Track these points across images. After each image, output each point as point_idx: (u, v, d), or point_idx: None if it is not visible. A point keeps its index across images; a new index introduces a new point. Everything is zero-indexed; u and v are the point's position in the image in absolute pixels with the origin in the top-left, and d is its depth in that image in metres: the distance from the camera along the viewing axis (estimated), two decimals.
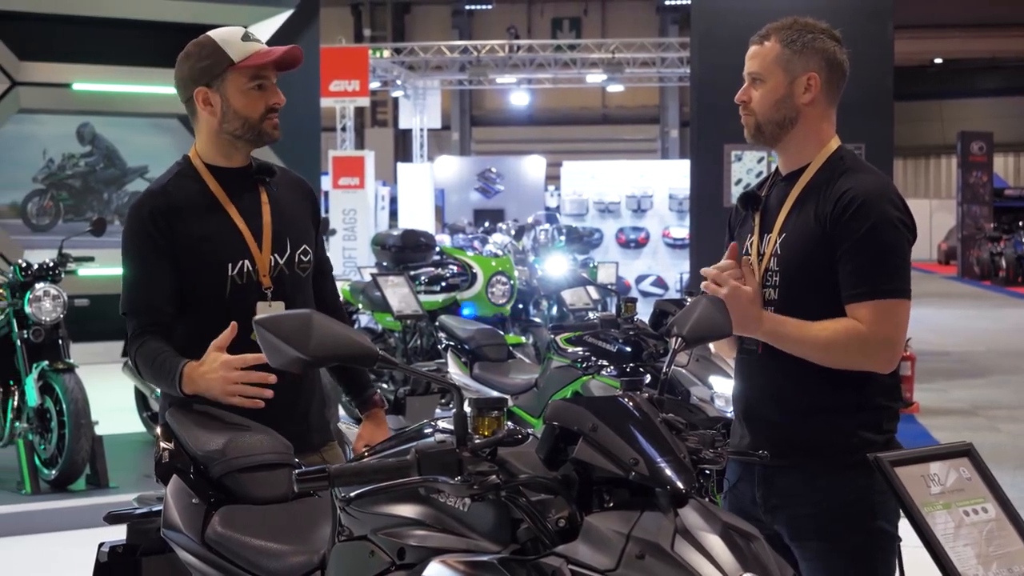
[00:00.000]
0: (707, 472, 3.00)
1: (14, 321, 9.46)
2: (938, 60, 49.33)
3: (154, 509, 3.95)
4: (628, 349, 7.52)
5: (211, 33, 4.11)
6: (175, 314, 4.04)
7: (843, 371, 3.67)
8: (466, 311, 13.38)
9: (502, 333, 10.28)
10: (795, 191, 3.79)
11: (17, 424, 9.36)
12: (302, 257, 4.20)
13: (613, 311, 10.15)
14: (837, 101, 3.86)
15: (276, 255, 4.12)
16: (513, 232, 22.46)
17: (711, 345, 4.34)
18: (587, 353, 7.83)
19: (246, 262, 4.06)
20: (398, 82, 39.14)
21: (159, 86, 18.05)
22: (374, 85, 35.45)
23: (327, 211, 25.82)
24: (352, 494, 2.96)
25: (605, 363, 7.68)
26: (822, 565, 3.68)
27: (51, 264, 9.79)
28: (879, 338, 3.63)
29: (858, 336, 3.62)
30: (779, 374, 3.73)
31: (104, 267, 11.74)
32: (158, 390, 4.45)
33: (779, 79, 3.78)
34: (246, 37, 4.08)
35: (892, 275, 3.65)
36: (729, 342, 3.95)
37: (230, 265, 4.04)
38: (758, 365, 3.79)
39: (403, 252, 14.60)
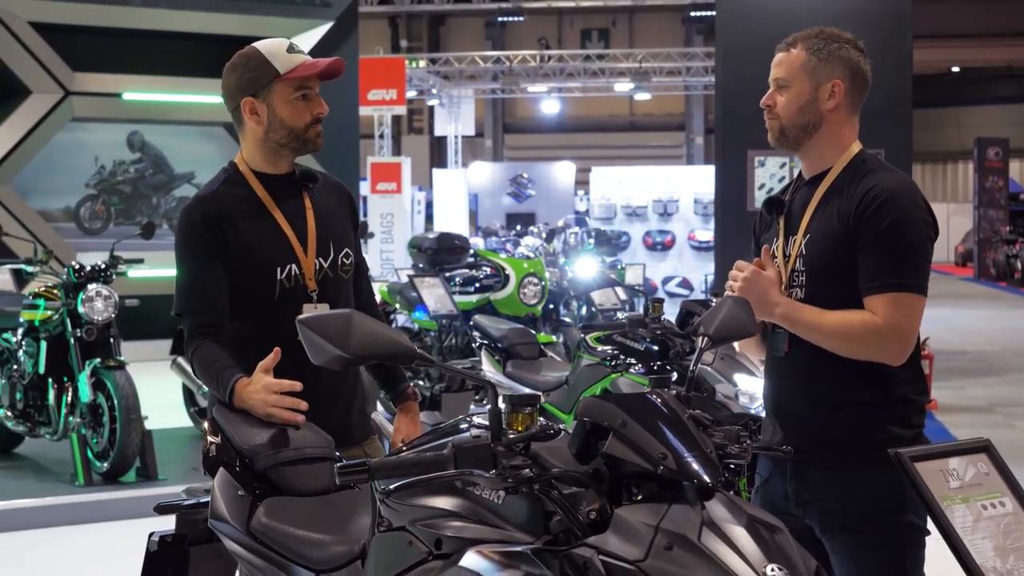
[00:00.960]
0: (732, 467, 2.98)
1: (68, 320, 9.51)
2: (955, 68, 49.15)
3: (202, 500, 3.96)
4: (655, 348, 7.50)
5: (257, 45, 4.11)
6: (227, 314, 4.04)
7: (864, 367, 3.65)
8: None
9: (534, 332, 10.27)
10: (818, 193, 3.78)
11: (71, 419, 9.40)
12: (344, 260, 4.21)
13: (641, 311, 10.14)
14: (859, 108, 3.85)
15: (320, 259, 4.13)
16: (544, 235, 22.47)
17: (736, 345, 4.32)
18: (616, 351, 7.82)
19: (293, 266, 4.07)
20: (433, 91, 39.19)
21: (205, 95, 18.13)
22: (410, 94, 35.48)
23: (365, 215, 25.84)
24: (391, 487, 2.96)
25: (633, 361, 7.67)
26: (853, 558, 3.66)
27: (103, 266, 9.83)
28: (893, 330, 3.61)
29: (872, 327, 3.61)
30: (807, 372, 3.72)
31: (153, 269, 11.79)
32: (205, 387, 4.47)
33: (804, 85, 3.77)
34: (291, 49, 4.08)
35: (911, 270, 3.64)
36: (755, 343, 3.94)
37: (279, 269, 4.05)
38: (786, 365, 3.78)
39: (439, 254, 14.61)
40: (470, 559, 2.67)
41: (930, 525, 3.54)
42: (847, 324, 3.63)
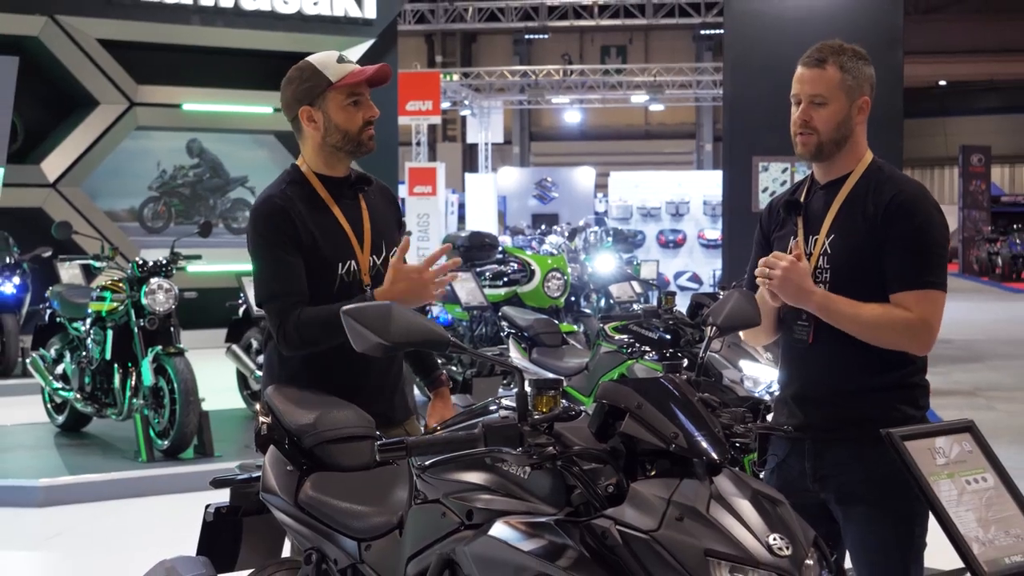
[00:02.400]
0: (738, 445, 2.98)
1: (132, 311, 9.54)
2: (942, 82, 48.94)
3: (254, 475, 3.97)
4: (668, 337, 7.49)
5: (310, 58, 4.12)
6: (308, 298, 3.96)
7: (884, 355, 3.66)
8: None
9: (557, 322, 10.26)
10: (840, 197, 3.76)
11: (135, 401, 9.43)
12: (392, 258, 4.21)
13: (655, 303, 10.11)
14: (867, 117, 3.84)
15: (374, 256, 4.12)
16: (566, 234, 22.43)
17: (741, 335, 4.31)
18: (632, 340, 7.81)
19: (352, 262, 4.06)
20: (466, 102, 39.20)
21: (257, 106, 18.19)
22: (445, 105, 35.46)
23: (403, 216, 25.79)
24: (426, 463, 2.97)
25: (648, 349, 7.66)
26: (868, 527, 3.66)
27: (164, 261, 9.86)
28: (922, 322, 3.63)
29: (904, 319, 3.62)
30: (827, 360, 3.72)
31: (210, 264, 11.82)
32: (258, 372, 4.45)
33: (842, 103, 3.73)
34: (340, 60, 4.09)
35: (935, 269, 3.67)
36: (758, 334, 3.93)
37: (339, 264, 4.04)
38: (808, 354, 3.77)
39: (470, 251, 14.60)
40: (499, 529, 2.67)
41: None
42: (882, 317, 3.63)
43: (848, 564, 3.85)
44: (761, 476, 4.37)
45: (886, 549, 3.65)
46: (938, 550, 3.73)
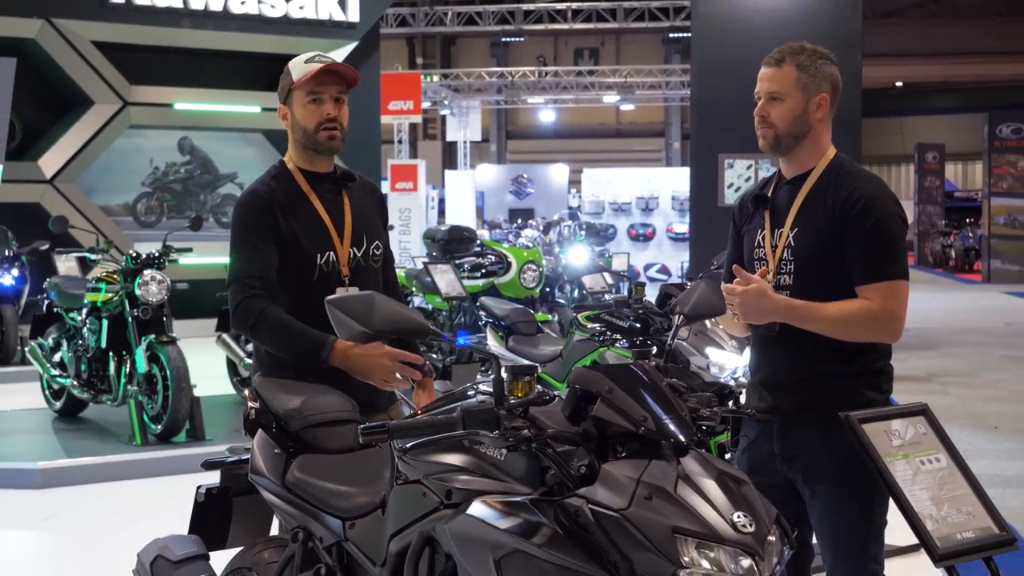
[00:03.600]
0: (704, 428, 2.99)
1: (126, 301, 9.52)
2: (899, 83, 49.05)
3: (243, 458, 3.96)
4: (638, 325, 7.50)
5: (293, 59, 4.13)
6: (273, 286, 3.98)
7: (848, 343, 3.67)
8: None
9: (532, 312, 10.26)
10: (803, 192, 3.78)
11: (129, 387, 9.41)
12: (375, 251, 4.20)
13: (625, 294, 10.14)
14: (833, 115, 3.85)
15: (354, 248, 4.12)
16: (542, 228, 22.43)
17: (719, 323, 4.32)
18: (604, 328, 7.82)
19: (331, 253, 4.06)
20: (445, 102, 39.13)
21: (246, 105, 18.17)
22: (425, 105, 35.39)
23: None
24: (407, 445, 2.97)
25: (619, 337, 7.67)
26: (832, 505, 3.68)
27: (157, 254, 9.83)
28: (888, 313, 3.65)
29: (870, 312, 3.63)
30: (793, 349, 3.73)
31: (201, 257, 11.78)
32: (247, 359, 4.45)
33: (798, 99, 3.76)
34: (310, 59, 4.06)
35: (895, 261, 3.68)
36: (736, 324, 3.94)
37: (318, 255, 4.04)
38: (776, 343, 3.77)
39: (450, 244, 14.59)
40: (476, 508, 2.67)
41: None
42: (847, 313, 3.64)
43: (814, 540, 3.87)
44: (728, 456, 4.38)
45: (848, 526, 3.67)
46: (894, 527, 3.74)
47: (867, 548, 3.68)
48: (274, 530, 4.21)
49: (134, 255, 9.80)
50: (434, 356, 11.27)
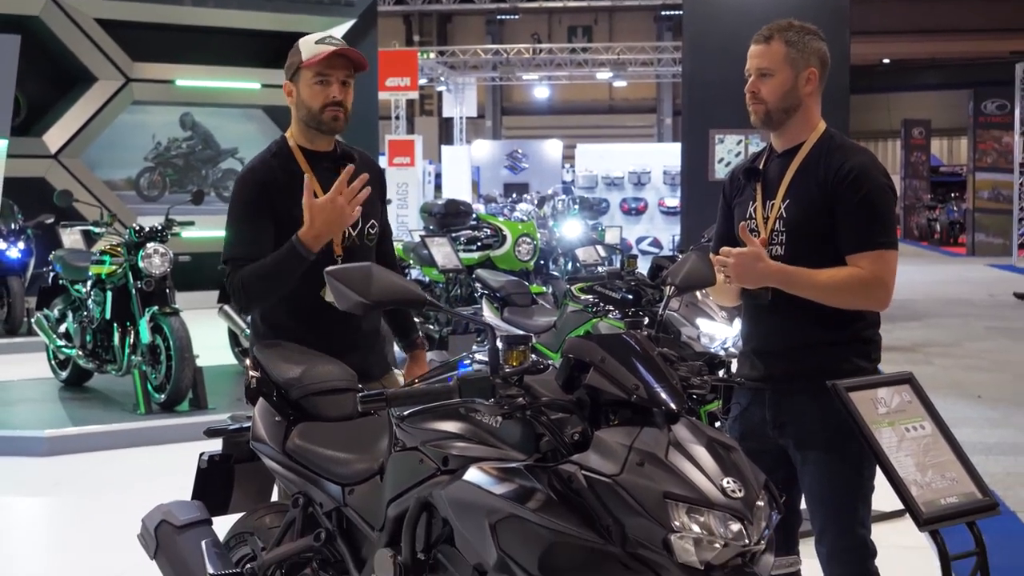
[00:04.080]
0: (695, 396, 2.99)
1: (130, 274, 9.52)
2: (886, 60, 49.00)
3: (244, 425, 3.96)
4: (630, 296, 7.50)
5: (304, 37, 4.10)
6: None
7: (838, 312, 3.67)
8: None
9: (527, 284, 10.26)
10: (794, 164, 3.77)
11: (133, 357, 9.42)
12: (370, 230, 4.17)
13: (618, 266, 10.14)
14: (822, 90, 3.84)
15: (349, 227, 4.08)
16: (536, 202, 22.43)
17: (710, 294, 4.31)
18: (597, 300, 7.82)
19: None
20: (442, 79, 39.04)
21: (246, 82, 18.13)
22: (422, 81, 35.32)
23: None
24: (405, 413, 2.98)
25: (611, 308, 7.67)
26: (823, 469, 3.68)
27: (159, 227, 9.83)
28: (877, 280, 3.64)
29: (861, 280, 3.63)
30: (785, 318, 3.72)
31: (202, 230, 11.76)
32: (248, 330, 4.42)
33: (787, 74, 3.75)
34: (321, 40, 4.04)
35: (885, 231, 3.67)
36: (726, 296, 3.94)
37: None
38: (768, 313, 3.77)
39: (446, 218, 14.59)
40: (472, 474, 2.68)
41: None
42: (839, 279, 3.63)
43: (802, 505, 3.88)
44: (718, 424, 4.39)
45: (838, 491, 3.68)
46: (880, 493, 3.75)
47: (856, 512, 3.69)
48: (275, 496, 4.22)
49: (137, 228, 9.79)
50: (431, 327, 11.27)
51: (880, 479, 3.55)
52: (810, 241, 3.70)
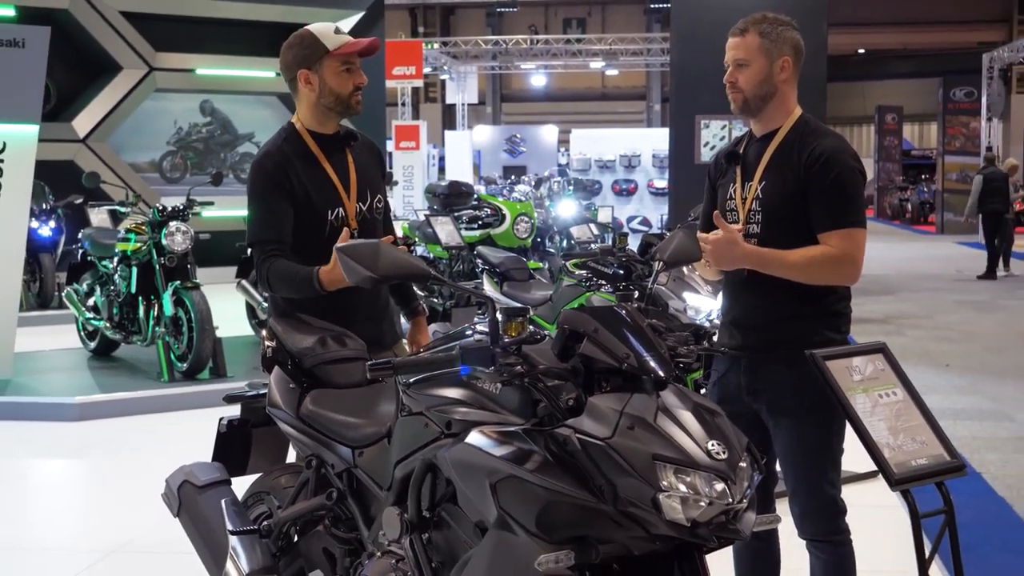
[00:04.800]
0: (681, 364, 2.99)
1: (154, 250, 9.52)
2: (861, 50, 48.90)
3: (261, 392, 3.97)
4: (621, 271, 7.50)
5: (309, 28, 4.08)
6: (290, 244, 3.95)
7: (810, 287, 3.66)
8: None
9: (525, 260, 10.26)
10: (771, 148, 3.76)
11: (157, 329, 9.42)
12: (377, 204, 4.18)
13: (610, 243, 10.13)
14: (798, 77, 3.83)
15: (360, 203, 4.09)
16: (533, 183, 22.37)
17: (696, 269, 4.31)
18: (590, 275, 7.82)
19: (340, 209, 4.03)
20: (445, 68, 38.92)
21: (262, 71, 18.09)
22: (426, 70, 35.22)
23: (391, 167, 25.78)
24: (411, 380, 2.98)
25: (604, 282, 7.67)
26: (794, 433, 3.68)
27: (181, 207, 9.82)
28: (847, 257, 3.63)
29: (831, 257, 3.62)
30: (761, 291, 3.71)
31: (221, 210, 11.75)
32: (264, 303, 4.46)
33: (762, 63, 3.74)
34: (337, 31, 4.06)
35: (854, 210, 3.66)
36: (711, 270, 3.93)
37: (328, 211, 4.00)
38: (745, 286, 3.76)
39: (449, 198, 14.57)
40: (474, 437, 2.68)
41: None
42: (809, 258, 3.62)
43: (777, 467, 3.89)
44: (703, 391, 4.39)
45: (809, 454, 3.68)
46: (855, 455, 3.76)
47: (825, 473, 3.70)
48: (290, 458, 4.23)
49: (160, 208, 9.79)
50: (436, 300, 11.27)
51: (854, 442, 3.55)
52: (784, 221, 3.69)
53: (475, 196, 15.08)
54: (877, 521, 5.61)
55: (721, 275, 3.92)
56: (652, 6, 41.87)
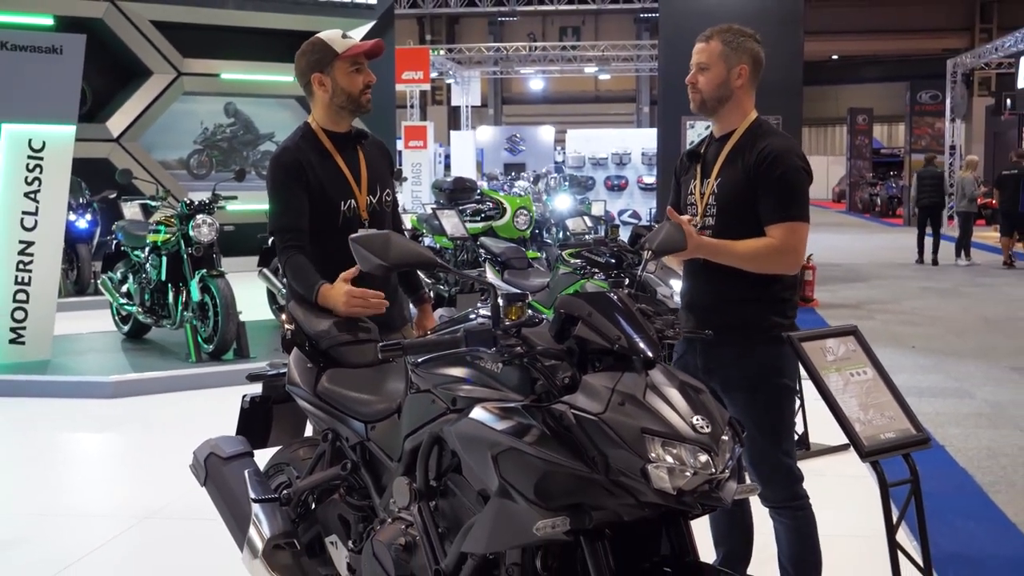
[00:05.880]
0: (669, 346, 2.99)
1: (182, 241, 9.53)
2: (835, 56, 48.83)
3: (281, 371, 3.97)
4: (613, 260, 7.50)
5: (319, 35, 4.09)
6: (307, 234, 3.95)
7: (758, 276, 3.68)
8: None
9: (524, 250, 10.27)
10: (726, 148, 3.79)
11: (185, 313, 9.43)
12: (386, 197, 4.18)
13: (603, 234, 10.13)
14: (756, 85, 3.85)
15: (371, 196, 4.09)
16: (532, 179, 22.39)
17: (666, 260, 4.32)
18: (584, 263, 7.83)
19: (352, 201, 4.03)
20: (450, 73, 38.88)
21: (282, 76, 18.08)
22: (433, 75, 35.18)
23: (400, 165, 25.77)
24: (419, 360, 2.98)
25: (597, 270, 7.68)
26: (746, 409, 3.71)
27: (207, 201, 9.82)
28: (788, 249, 3.66)
29: (773, 248, 3.64)
30: (717, 278, 3.74)
31: (245, 204, 11.75)
32: (284, 290, 4.46)
33: (720, 68, 3.77)
34: (344, 36, 4.07)
35: (797, 206, 3.68)
36: (676, 257, 3.94)
37: (341, 203, 4.00)
38: (702, 272, 3.79)
39: (454, 193, 14.59)
40: (477, 412, 2.67)
41: (810, 388, 3.55)
42: (755, 249, 3.65)
43: None
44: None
45: (762, 427, 3.71)
46: (827, 429, 3.76)
47: (780, 444, 3.74)
48: (308, 432, 4.23)
49: (188, 202, 9.79)
50: (442, 287, 11.28)
51: (828, 417, 3.55)
52: (737, 214, 3.72)
53: (478, 191, 15.08)
54: (849, 490, 5.60)
55: (682, 263, 3.95)
56: (642, 16, 41.79)
